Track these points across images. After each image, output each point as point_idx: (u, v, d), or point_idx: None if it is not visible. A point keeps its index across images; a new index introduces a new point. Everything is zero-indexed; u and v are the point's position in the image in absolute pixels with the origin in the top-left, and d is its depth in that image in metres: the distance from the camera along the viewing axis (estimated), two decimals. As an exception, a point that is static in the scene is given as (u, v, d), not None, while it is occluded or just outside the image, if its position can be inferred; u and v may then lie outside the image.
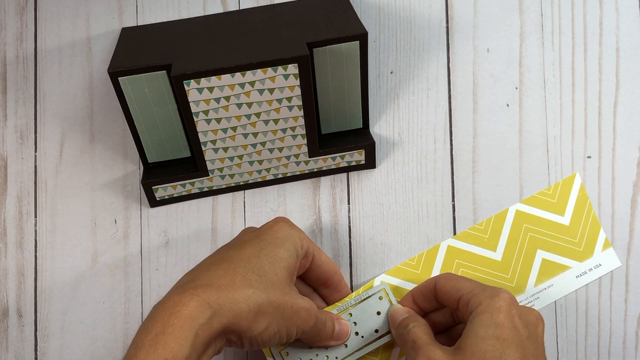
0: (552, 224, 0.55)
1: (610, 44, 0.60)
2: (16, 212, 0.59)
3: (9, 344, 0.58)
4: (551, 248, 0.54)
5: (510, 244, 0.54)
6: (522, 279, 0.54)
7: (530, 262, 0.54)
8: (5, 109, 0.60)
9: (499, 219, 0.55)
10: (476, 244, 0.54)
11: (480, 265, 0.54)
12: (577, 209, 0.55)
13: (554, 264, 0.54)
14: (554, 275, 0.54)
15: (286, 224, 0.49)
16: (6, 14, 0.60)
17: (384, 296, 0.52)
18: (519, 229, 0.54)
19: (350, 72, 0.54)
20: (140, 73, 0.51)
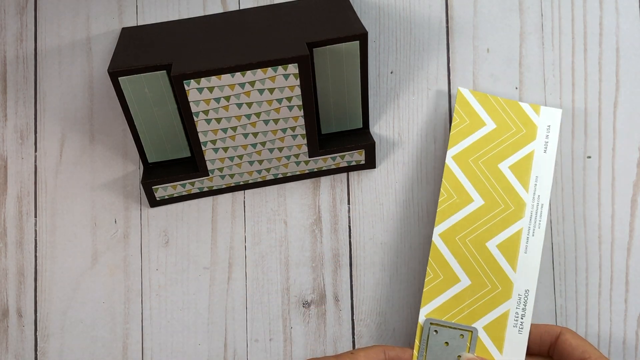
0: (486, 139, 0.54)
1: (610, 44, 0.60)
2: (16, 212, 0.59)
3: (9, 344, 0.58)
4: (505, 153, 0.53)
5: (477, 184, 0.53)
6: (513, 197, 0.53)
7: (504, 178, 0.53)
8: (5, 109, 0.60)
9: (449, 175, 0.54)
10: (456, 211, 0.53)
11: (475, 220, 0.53)
12: (488, 110, 0.54)
13: (519, 161, 0.53)
14: (528, 168, 0.53)
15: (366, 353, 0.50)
16: (6, 14, 0.60)
17: (437, 328, 0.51)
18: (469, 168, 0.53)
19: (350, 72, 0.54)
20: (140, 73, 0.51)
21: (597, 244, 0.58)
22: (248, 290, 0.59)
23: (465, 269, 0.52)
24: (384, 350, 0.49)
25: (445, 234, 0.53)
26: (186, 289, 0.59)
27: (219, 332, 0.58)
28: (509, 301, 0.51)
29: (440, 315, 0.51)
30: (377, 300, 0.58)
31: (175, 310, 0.58)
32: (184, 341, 0.58)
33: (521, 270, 0.52)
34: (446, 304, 0.51)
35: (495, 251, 0.53)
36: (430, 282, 0.52)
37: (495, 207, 0.53)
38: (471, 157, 0.53)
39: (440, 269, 0.52)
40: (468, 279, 0.52)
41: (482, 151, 0.53)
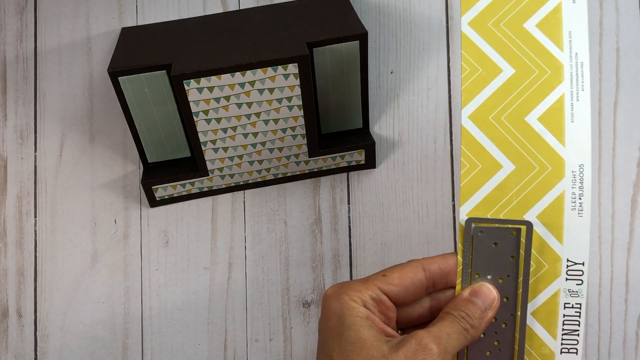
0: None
1: (610, 44, 0.60)
2: (16, 212, 0.59)
3: (8, 344, 0.58)
4: (528, 11, 0.45)
5: (502, 50, 0.44)
6: (548, 58, 0.44)
7: (534, 40, 0.44)
8: (5, 109, 0.60)
9: (468, 45, 0.45)
10: (484, 86, 0.45)
11: (508, 93, 0.44)
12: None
13: (546, 17, 0.44)
14: (559, 23, 0.44)
15: (331, 299, 0.41)
16: (6, 14, 0.60)
17: (482, 227, 0.42)
18: (491, 32, 0.45)
19: (350, 72, 0.54)
20: (140, 73, 0.51)
21: (597, 244, 0.58)
22: (248, 290, 0.59)
23: (505, 152, 0.44)
24: (422, 266, 0.41)
25: (476, 115, 0.44)
26: (186, 289, 0.59)
27: (219, 332, 0.58)
28: (563, 181, 0.43)
29: (484, 212, 0.43)
30: (377, 300, 0.58)
31: (175, 310, 0.58)
32: (184, 341, 0.58)
33: (571, 142, 0.44)
34: (489, 197, 0.43)
35: (538, 125, 0.44)
36: (467, 175, 0.44)
37: (528, 74, 0.44)
38: (490, 21, 0.44)
39: (476, 157, 0.44)
40: (511, 163, 0.44)
41: (502, 11, 0.45)
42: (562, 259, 0.42)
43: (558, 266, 0.42)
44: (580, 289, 0.42)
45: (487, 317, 0.40)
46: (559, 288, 0.42)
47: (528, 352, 0.42)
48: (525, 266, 0.42)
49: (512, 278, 0.42)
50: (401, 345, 0.38)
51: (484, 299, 0.41)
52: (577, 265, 0.42)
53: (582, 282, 0.42)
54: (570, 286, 0.42)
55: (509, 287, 0.42)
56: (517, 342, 0.41)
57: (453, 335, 0.39)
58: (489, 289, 0.41)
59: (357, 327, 0.39)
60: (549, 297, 0.42)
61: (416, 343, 0.38)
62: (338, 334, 0.39)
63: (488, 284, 0.41)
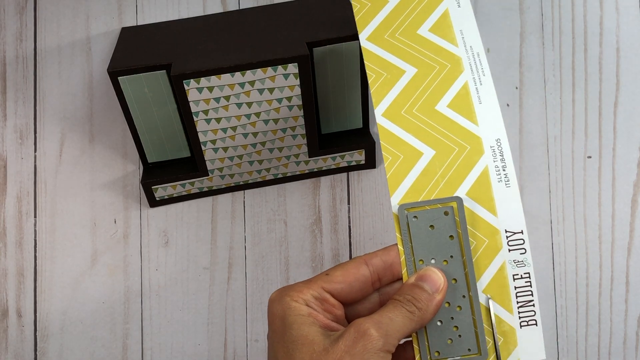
0: (394, 13, 0.48)
1: (610, 44, 0.60)
2: (16, 212, 0.59)
3: (8, 344, 0.58)
4: (418, 20, 0.48)
5: (402, 55, 0.47)
6: (445, 55, 0.47)
7: (429, 42, 0.48)
8: (5, 109, 0.60)
9: (370, 56, 0.47)
10: (391, 87, 0.47)
11: (415, 89, 0.47)
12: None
13: (437, 22, 0.48)
14: (449, 25, 0.48)
15: (274, 302, 0.40)
16: (6, 14, 0.60)
17: (415, 212, 0.42)
18: (388, 43, 0.48)
19: (350, 72, 0.54)
20: (140, 73, 0.51)
21: (597, 244, 0.58)
22: (248, 290, 0.59)
23: (423, 140, 0.46)
24: (365, 261, 0.41)
25: (389, 112, 0.46)
26: (186, 289, 0.59)
27: (219, 332, 0.58)
28: (484, 157, 0.45)
29: (414, 197, 0.43)
30: (377, 300, 0.58)
31: (175, 310, 0.58)
32: (184, 341, 0.58)
33: (483, 121, 0.46)
34: (417, 184, 0.45)
35: (448, 111, 0.47)
36: (392, 166, 0.45)
37: (430, 70, 0.47)
38: (386, 33, 0.48)
39: (396, 149, 0.46)
40: (431, 149, 0.46)
41: (395, 24, 0.48)
42: (500, 230, 0.42)
43: (498, 239, 0.42)
44: (524, 257, 0.42)
45: (435, 300, 0.40)
46: (503, 261, 0.42)
47: (488, 332, 0.41)
48: (465, 244, 0.42)
49: (455, 259, 0.41)
50: (341, 335, 0.37)
51: (431, 283, 0.40)
52: (517, 234, 0.42)
53: (525, 251, 0.42)
54: (515, 257, 0.42)
55: (455, 269, 0.41)
56: (476, 324, 0.41)
57: (396, 319, 0.38)
58: (435, 272, 0.40)
59: (298, 325, 0.38)
60: (496, 272, 0.42)
61: (355, 330, 0.37)
62: (281, 335, 0.39)
63: (433, 267, 0.41)
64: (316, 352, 0.37)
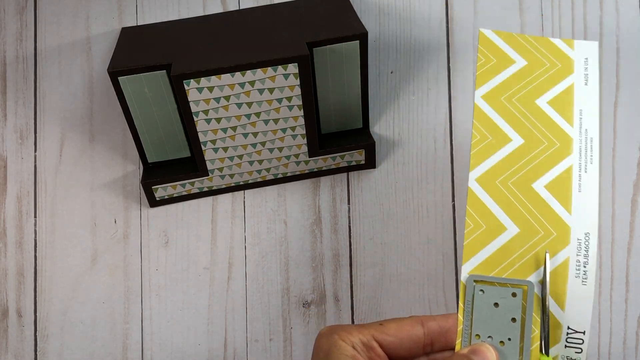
0: (517, 76, 0.47)
1: (610, 44, 0.60)
2: (16, 212, 0.59)
3: (8, 344, 0.58)
4: (540, 89, 0.47)
5: (512, 122, 0.46)
6: (557, 132, 0.45)
7: (545, 116, 0.45)
8: (5, 109, 0.60)
9: (480, 115, 0.46)
10: (493, 152, 0.45)
11: (517, 161, 0.45)
12: (516, 48, 0.48)
13: (558, 96, 0.46)
14: (570, 102, 0.46)
15: (323, 337, 0.40)
16: (6, 14, 0.60)
17: (483, 287, 0.42)
18: (503, 106, 0.46)
19: (350, 72, 0.54)
20: (140, 73, 0.51)
21: (597, 243, 0.58)
22: (248, 290, 0.59)
23: (511, 215, 0.44)
24: (422, 322, 0.41)
25: (483, 178, 0.45)
26: (186, 289, 0.59)
27: (219, 332, 0.58)
28: (568, 248, 0.43)
29: (486, 271, 0.42)
30: (377, 300, 0.58)
31: (175, 310, 0.58)
32: (184, 341, 0.58)
33: (578, 211, 0.44)
34: (492, 258, 0.43)
35: (544, 192, 0.45)
36: (471, 234, 0.44)
37: (537, 145, 0.45)
38: (503, 95, 0.46)
39: (481, 218, 0.44)
40: (515, 226, 0.44)
41: (515, 88, 0.46)
42: (563, 326, 0.41)
43: (558, 333, 0.41)
44: (579, 357, 0.41)
45: None
46: (557, 354, 0.41)
47: None
48: (527, 330, 0.41)
49: (513, 342, 0.41)
50: None
51: (482, 359, 0.39)
52: (578, 333, 0.41)
53: (582, 351, 0.41)
54: (569, 353, 0.41)
55: (510, 352, 0.41)
56: None
57: None
58: (489, 350, 0.40)
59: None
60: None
61: None
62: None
63: (489, 345, 0.40)
64: None
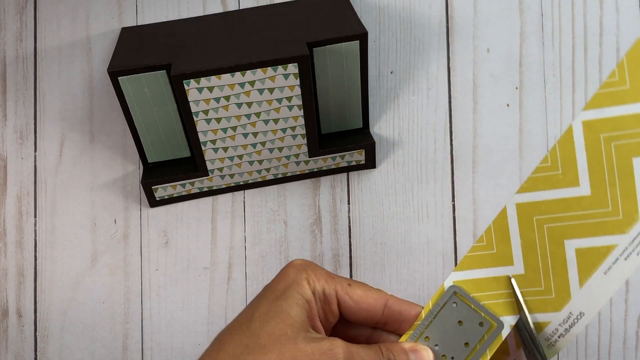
0: (635, 119, 0.39)
1: (610, 44, 0.60)
2: (16, 212, 0.59)
3: (8, 344, 0.58)
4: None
5: (594, 168, 0.40)
6: (629, 205, 0.39)
7: (630, 177, 0.39)
8: (5, 109, 0.60)
9: (565, 143, 0.40)
10: (551, 187, 0.40)
11: (568, 210, 0.40)
12: None
13: None
14: None
15: (293, 268, 0.41)
16: (6, 14, 0.60)
17: (459, 301, 0.41)
18: (597, 145, 0.39)
19: (350, 72, 0.54)
20: (140, 73, 0.51)
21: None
22: (248, 290, 0.59)
23: (525, 255, 0.41)
24: (387, 300, 0.41)
25: (525, 207, 0.41)
26: (186, 289, 0.59)
27: (219, 332, 0.58)
28: (556, 314, 0.41)
29: (470, 289, 0.41)
30: (377, 300, 0.58)
31: (175, 310, 0.58)
32: (184, 341, 0.58)
33: (589, 289, 0.41)
34: (484, 281, 0.41)
35: (571, 253, 0.41)
36: (478, 250, 0.41)
37: (600, 205, 0.40)
38: (606, 133, 0.39)
39: (497, 242, 0.41)
40: (523, 267, 0.41)
41: (623, 132, 0.39)
42: None
43: None
44: None
45: None
46: None
47: None
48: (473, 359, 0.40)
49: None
50: (316, 340, 0.37)
51: (419, 359, 0.40)
52: None
53: None
54: None
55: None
56: None
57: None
58: (429, 356, 0.40)
59: (292, 302, 0.39)
60: None
61: (329, 346, 0.37)
62: (274, 298, 0.39)
63: (431, 351, 0.40)
64: (287, 335, 0.37)
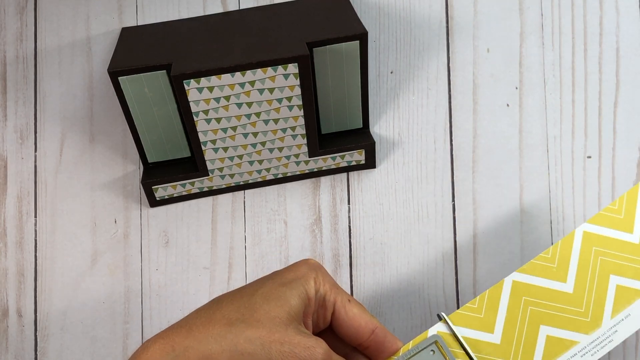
0: (621, 244, 0.49)
1: (610, 44, 0.60)
2: (16, 212, 0.59)
3: (9, 344, 0.58)
4: (624, 272, 0.48)
5: (581, 272, 0.48)
6: (597, 312, 0.48)
7: (604, 290, 0.48)
8: (5, 109, 0.60)
9: (566, 244, 0.49)
10: (544, 276, 0.48)
11: (551, 300, 0.48)
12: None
13: (630, 289, 0.48)
14: (630, 302, 0.48)
15: (306, 265, 0.43)
16: (6, 14, 0.60)
17: (437, 350, 0.44)
18: (588, 254, 0.48)
19: (350, 72, 0.54)
20: (140, 73, 0.51)
21: None
22: (248, 290, 0.59)
23: (505, 327, 0.48)
24: (375, 327, 0.43)
25: (519, 286, 0.48)
26: (186, 289, 0.59)
27: (219, 332, 0.58)
28: None
29: (451, 344, 0.46)
30: (377, 300, 0.58)
31: (175, 310, 0.58)
32: (184, 341, 0.58)
33: None
34: (465, 339, 0.47)
35: (542, 338, 0.48)
36: (470, 310, 0.47)
37: (576, 304, 0.48)
38: (597, 247, 0.49)
39: (487, 309, 0.48)
40: (500, 338, 0.48)
41: (610, 251, 0.49)
42: None
43: None
44: None
45: None
46: None
47: None
48: None
49: None
50: (304, 334, 0.39)
51: None
52: None
53: None
54: None
55: None
56: None
57: None
58: None
59: (295, 293, 0.41)
60: None
61: (314, 344, 0.39)
62: (281, 283, 0.41)
63: None
64: (281, 319, 0.39)
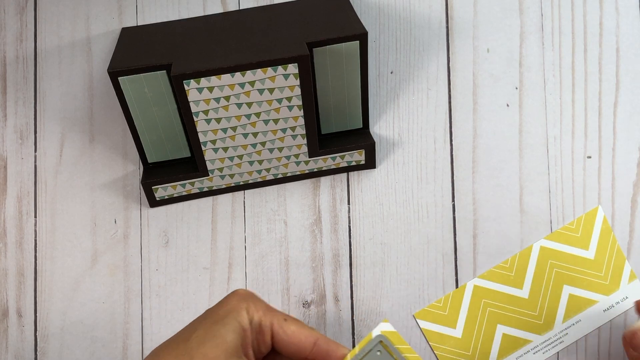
0: (577, 259, 0.55)
1: (610, 44, 0.60)
2: (16, 212, 0.59)
3: (9, 344, 0.58)
4: (577, 283, 0.55)
5: (536, 281, 0.55)
6: (549, 316, 0.54)
7: (557, 298, 0.54)
8: (5, 109, 0.60)
9: (524, 256, 0.55)
10: (502, 282, 0.55)
11: (508, 303, 0.54)
12: (601, 243, 0.56)
13: (581, 298, 0.55)
14: (581, 310, 0.55)
15: (236, 296, 0.43)
16: (6, 14, 0.60)
17: (383, 350, 0.42)
18: (544, 266, 0.55)
19: (350, 72, 0.54)
20: (140, 73, 0.51)
21: None
22: (248, 290, 0.59)
23: (466, 325, 0.54)
24: (317, 340, 0.43)
25: (480, 290, 0.55)
26: (186, 289, 0.59)
27: (218, 332, 0.58)
28: None
29: (401, 341, 0.43)
30: (377, 300, 0.58)
31: (175, 310, 0.58)
32: (184, 341, 0.58)
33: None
34: (427, 332, 0.52)
35: (498, 337, 0.54)
36: (435, 308, 0.53)
37: (531, 307, 0.54)
38: (552, 260, 0.55)
39: (450, 307, 0.54)
40: (461, 332, 0.54)
41: (565, 264, 0.55)
42: None
43: None
44: None
45: None
46: None
47: None
48: None
49: None
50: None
51: None
52: None
53: None
54: None
55: None
56: None
57: None
58: None
59: (229, 328, 0.41)
60: None
61: None
62: (213, 322, 0.41)
63: None
64: (219, 359, 0.40)
